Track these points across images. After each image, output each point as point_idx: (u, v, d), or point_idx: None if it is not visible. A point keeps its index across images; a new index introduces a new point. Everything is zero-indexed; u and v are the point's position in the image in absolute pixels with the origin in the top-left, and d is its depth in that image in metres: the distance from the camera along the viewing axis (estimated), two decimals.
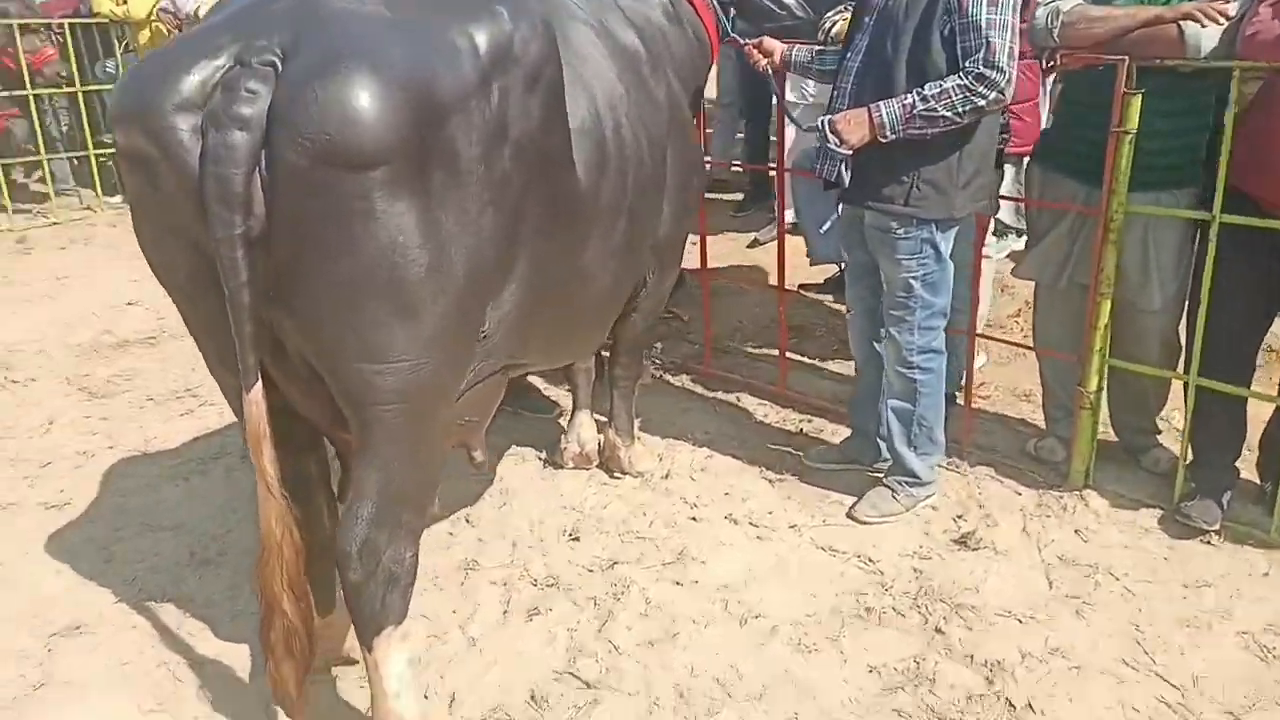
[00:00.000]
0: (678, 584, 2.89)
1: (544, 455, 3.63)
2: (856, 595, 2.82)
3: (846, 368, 4.18)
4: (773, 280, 4.28)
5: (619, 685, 2.48)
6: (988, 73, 2.68)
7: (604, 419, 3.52)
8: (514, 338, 2.27)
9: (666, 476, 3.50)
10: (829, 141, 2.88)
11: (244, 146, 1.73)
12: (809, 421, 3.91)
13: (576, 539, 3.12)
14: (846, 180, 2.93)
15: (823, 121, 2.91)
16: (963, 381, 3.68)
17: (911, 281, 3.00)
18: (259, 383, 1.90)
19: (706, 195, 4.01)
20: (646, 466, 3.51)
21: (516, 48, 2.05)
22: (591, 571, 2.96)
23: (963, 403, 3.67)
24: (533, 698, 2.44)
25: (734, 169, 6.64)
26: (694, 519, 3.24)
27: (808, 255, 4.54)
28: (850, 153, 2.87)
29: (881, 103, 2.79)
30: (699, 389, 4.23)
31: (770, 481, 3.46)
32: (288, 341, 1.95)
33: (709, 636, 2.66)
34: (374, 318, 1.86)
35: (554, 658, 2.59)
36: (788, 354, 4.17)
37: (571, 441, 3.53)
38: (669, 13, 3.18)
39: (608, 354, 3.42)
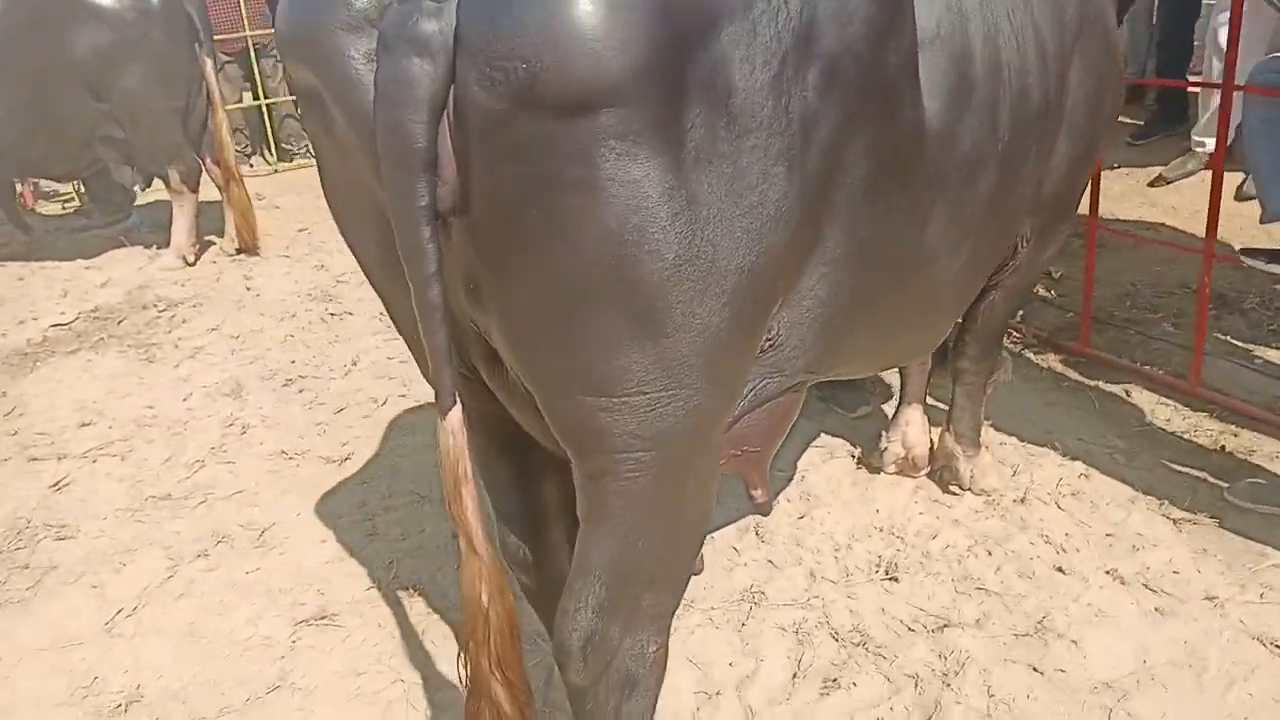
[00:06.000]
0: (1035, 670, 2.10)
1: (858, 453, 2.92)
2: None
3: None
4: (1188, 230, 3.16)
5: None
6: None
7: (942, 417, 2.74)
8: (818, 343, 1.58)
9: (1022, 500, 2.65)
10: None
11: (425, 82, 1.18)
12: (1233, 435, 2.86)
13: (894, 579, 2.41)
14: None
15: None
16: None
17: None
18: (458, 406, 1.39)
19: None
20: (993, 483, 2.68)
21: None
22: (913, 631, 2.25)
23: None
24: None
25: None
26: (1060, 569, 2.39)
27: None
28: None
29: None
30: (1071, 374, 3.28)
31: (1175, 522, 2.51)
32: (501, 353, 1.42)
33: None
34: (601, 333, 1.26)
35: None
36: (1205, 334, 3.07)
37: (895, 441, 2.78)
38: None
39: (954, 339, 2.61)
